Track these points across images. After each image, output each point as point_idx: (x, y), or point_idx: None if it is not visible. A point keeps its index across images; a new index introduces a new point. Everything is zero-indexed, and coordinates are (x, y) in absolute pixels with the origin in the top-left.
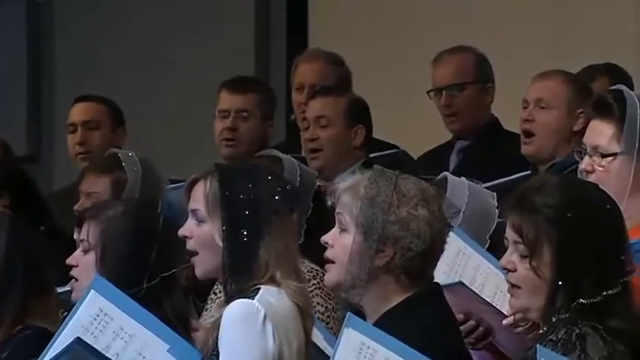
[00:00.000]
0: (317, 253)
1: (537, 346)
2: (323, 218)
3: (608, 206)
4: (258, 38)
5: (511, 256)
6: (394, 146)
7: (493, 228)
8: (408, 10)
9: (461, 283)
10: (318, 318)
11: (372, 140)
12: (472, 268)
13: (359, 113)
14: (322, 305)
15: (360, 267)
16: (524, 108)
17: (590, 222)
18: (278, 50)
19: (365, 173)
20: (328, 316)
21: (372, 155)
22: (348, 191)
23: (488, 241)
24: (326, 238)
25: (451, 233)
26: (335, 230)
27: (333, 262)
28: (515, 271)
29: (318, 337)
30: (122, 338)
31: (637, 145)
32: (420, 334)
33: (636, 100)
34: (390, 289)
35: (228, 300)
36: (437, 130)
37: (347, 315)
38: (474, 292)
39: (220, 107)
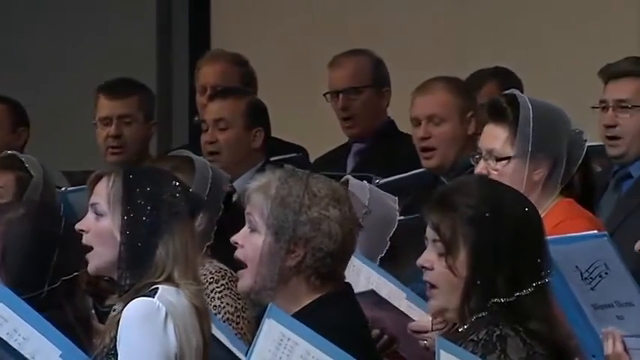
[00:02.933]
0: (227, 254)
1: (437, 337)
2: (233, 220)
3: (526, 209)
4: (160, 40)
5: (429, 255)
6: (298, 147)
7: (393, 230)
8: (313, 10)
9: (372, 291)
10: (227, 319)
11: (276, 141)
12: (364, 279)
13: (258, 115)
14: (232, 306)
15: (270, 268)
16: (417, 125)
17: (507, 223)
18: (180, 52)
19: (275, 173)
20: (238, 316)
21: (272, 159)
22: (259, 191)
23: (388, 242)
24: (236, 238)
25: None
26: (245, 230)
27: (244, 263)
28: (432, 269)
29: (224, 339)
30: (16, 340)
31: (530, 149)
32: (328, 336)
33: (529, 103)
34: (301, 290)
35: (122, 296)
36: (338, 132)
37: (269, 305)
38: (384, 299)
39: (101, 114)
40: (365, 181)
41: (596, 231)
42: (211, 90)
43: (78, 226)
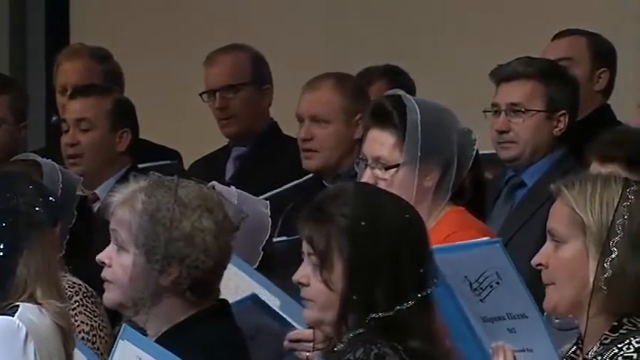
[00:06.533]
0: (81, 266)
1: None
2: (88, 227)
3: (407, 215)
4: (13, 37)
5: (305, 270)
6: (171, 151)
7: (266, 238)
8: (181, 9)
9: (254, 296)
10: (82, 338)
11: (145, 143)
12: (233, 286)
13: (124, 115)
14: (87, 324)
15: (142, 289)
16: (300, 122)
17: (385, 232)
18: (36, 49)
19: (140, 183)
20: (94, 335)
21: (141, 166)
22: (124, 206)
23: (261, 253)
24: (102, 257)
25: None
26: (111, 248)
27: (110, 282)
28: (308, 285)
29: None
30: None
31: (419, 154)
32: (197, 355)
33: (416, 105)
34: (176, 308)
35: None
36: (217, 133)
37: (122, 326)
38: (267, 305)
39: None
40: (232, 187)
41: (482, 236)
42: (72, 89)
43: None
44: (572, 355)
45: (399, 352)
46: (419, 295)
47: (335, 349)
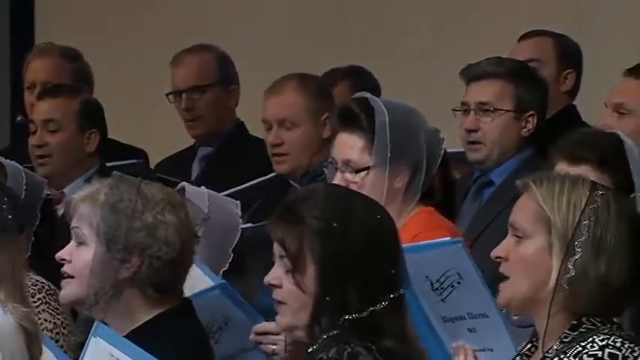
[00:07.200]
0: (46, 267)
1: None
2: (53, 229)
3: (378, 216)
4: None
5: (276, 272)
6: (138, 150)
7: (237, 238)
8: (147, 9)
9: (223, 285)
10: (45, 335)
11: (113, 144)
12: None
13: (93, 116)
14: (50, 322)
15: (103, 280)
16: (268, 128)
17: (357, 233)
18: (0, 49)
19: (104, 181)
20: (57, 333)
21: (108, 164)
22: (86, 201)
23: (231, 254)
24: (62, 254)
25: None
26: (71, 245)
27: (71, 277)
28: (280, 287)
29: (50, 357)
30: None
31: (389, 155)
32: (165, 353)
33: (383, 107)
34: (136, 304)
35: None
36: (184, 133)
37: (95, 323)
38: (235, 295)
39: None
40: (203, 187)
41: (449, 237)
42: (41, 87)
43: None
44: (527, 352)
45: (372, 352)
46: (392, 296)
47: (309, 350)
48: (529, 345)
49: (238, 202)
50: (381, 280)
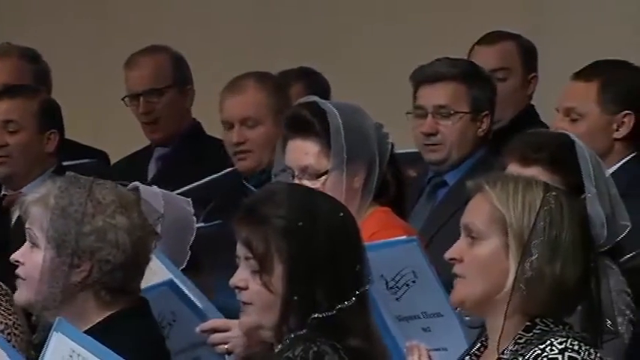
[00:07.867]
0: (2, 267)
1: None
2: (6, 229)
3: (341, 214)
4: None
5: (242, 274)
6: (97, 151)
7: (193, 236)
8: (105, 9)
9: (170, 281)
10: None
11: (72, 144)
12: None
13: (52, 116)
14: (1, 322)
15: (52, 285)
16: (229, 128)
17: (323, 231)
18: None
19: (56, 182)
20: (9, 334)
21: (65, 164)
22: (38, 203)
23: (189, 252)
24: (16, 256)
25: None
26: (25, 246)
27: (24, 279)
28: (247, 288)
29: (3, 356)
30: None
31: (345, 157)
32: (122, 356)
33: (335, 110)
34: (90, 306)
35: None
36: (142, 133)
37: (56, 319)
38: (182, 292)
39: None
40: (155, 187)
41: (405, 236)
42: (0, 88)
43: None
44: (477, 352)
45: (338, 351)
46: (357, 292)
47: (275, 350)
48: (478, 344)
49: (189, 199)
50: (347, 278)
